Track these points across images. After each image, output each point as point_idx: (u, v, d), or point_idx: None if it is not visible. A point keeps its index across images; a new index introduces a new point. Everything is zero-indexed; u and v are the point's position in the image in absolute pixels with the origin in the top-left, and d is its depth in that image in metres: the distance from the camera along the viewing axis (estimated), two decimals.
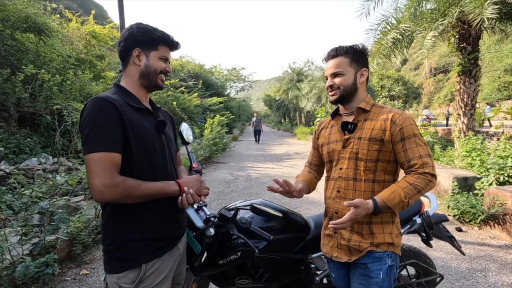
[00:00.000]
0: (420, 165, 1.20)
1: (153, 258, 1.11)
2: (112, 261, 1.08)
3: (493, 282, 2.58)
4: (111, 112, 1.01)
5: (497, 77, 28.61)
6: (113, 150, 1.00)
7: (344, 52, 1.31)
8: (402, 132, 1.23)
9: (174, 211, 1.22)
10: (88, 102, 1.05)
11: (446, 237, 1.89)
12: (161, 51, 1.18)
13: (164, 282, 1.16)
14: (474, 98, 6.86)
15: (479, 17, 5.36)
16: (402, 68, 48.01)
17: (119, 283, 1.07)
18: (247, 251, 1.51)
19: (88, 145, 0.99)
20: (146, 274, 1.09)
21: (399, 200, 1.17)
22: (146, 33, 1.15)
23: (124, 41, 1.16)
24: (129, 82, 1.18)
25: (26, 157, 6.00)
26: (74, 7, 38.11)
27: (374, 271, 1.26)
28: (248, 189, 6.17)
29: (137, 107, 1.14)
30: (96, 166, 0.97)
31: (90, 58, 10.68)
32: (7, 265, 2.49)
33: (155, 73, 1.18)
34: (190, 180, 1.24)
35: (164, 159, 1.21)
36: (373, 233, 1.28)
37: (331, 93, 1.35)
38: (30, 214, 2.91)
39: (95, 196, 0.99)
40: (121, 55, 1.19)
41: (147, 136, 1.13)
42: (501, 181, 4.14)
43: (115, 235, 1.09)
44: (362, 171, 1.28)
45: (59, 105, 6.87)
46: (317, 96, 19.88)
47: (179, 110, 12.60)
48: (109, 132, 1.00)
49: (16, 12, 7.87)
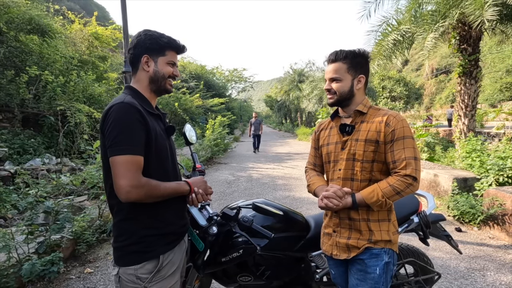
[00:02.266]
0: (403, 167, 1.23)
1: (168, 251, 1.20)
2: (128, 254, 1.15)
3: (491, 281, 2.61)
4: (136, 117, 1.08)
5: (499, 78, 28.56)
6: (138, 153, 1.07)
7: (343, 57, 1.34)
8: (393, 134, 1.27)
9: (184, 209, 1.33)
10: (113, 106, 1.10)
11: (443, 236, 1.93)
12: (168, 56, 1.24)
13: (176, 272, 1.25)
14: (475, 99, 6.89)
15: (479, 19, 5.40)
16: (404, 69, 47.95)
17: (136, 274, 1.13)
18: (249, 248, 1.55)
19: (115, 147, 1.05)
20: (163, 264, 1.17)
21: (377, 199, 1.23)
22: (154, 40, 1.20)
23: (133, 48, 1.22)
24: (139, 87, 1.24)
25: (30, 158, 6.07)
26: (77, 9, 38.29)
27: (371, 266, 1.31)
28: (250, 189, 6.22)
29: (152, 113, 1.21)
30: (123, 168, 1.04)
31: (92, 59, 10.77)
32: (13, 263, 2.54)
33: (163, 78, 1.24)
34: (197, 181, 1.34)
35: (173, 162, 1.30)
36: (371, 230, 1.32)
37: (328, 96, 1.41)
38: (35, 214, 2.97)
39: (121, 196, 1.06)
40: (131, 62, 1.24)
41: (161, 140, 1.20)
42: (500, 182, 4.16)
43: (131, 231, 1.15)
44: (359, 171, 1.32)
45: (63, 106, 6.95)
46: (318, 97, 19.93)
47: (180, 111, 12.68)
48: (135, 136, 1.07)
49: (20, 14, 7.95)
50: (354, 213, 1.33)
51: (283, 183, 6.76)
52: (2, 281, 2.37)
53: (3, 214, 3.32)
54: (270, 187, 6.35)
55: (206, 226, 1.50)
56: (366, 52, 1.38)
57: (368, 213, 1.31)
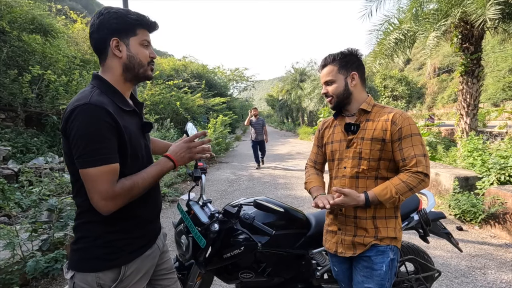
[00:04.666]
0: (414, 164, 1.25)
1: (134, 258, 1.09)
2: (90, 259, 1.02)
3: (492, 280, 2.62)
4: (106, 122, 0.93)
5: (501, 77, 28.40)
6: (112, 162, 0.95)
7: (331, 60, 1.39)
8: (400, 131, 1.29)
9: (158, 208, 1.23)
10: (77, 108, 0.92)
11: (443, 234, 1.94)
12: (140, 35, 1.06)
13: (143, 279, 1.15)
14: (477, 98, 6.86)
15: (481, 18, 5.38)
16: (406, 68, 47.78)
17: (98, 281, 1.02)
18: (250, 245, 1.57)
19: (86, 159, 0.92)
20: (126, 274, 1.06)
21: (390, 195, 1.24)
22: (120, 18, 1.01)
23: (96, 31, 1.02)
24: (111, 77, 1.05)
25: (33, 156, 6.12)
26: (79, 8, 38.40)
27: (378, 263, 1.32)
28: (251, 188, 6.24)
29: (125, 110, 1.05)
30: (95, 182, 0.93)
31: (94, 58, 10.80)
32: (18, 260, 2.58)
33: (141, 65, 1.07)
34: (177, 149, 1.14)
35: (149, 162, 1.16)
36: (377, 227, 1.33)
37: (327, 100, 1.44)
38: (39, 211, 3.00)
39: (100, 210, 0.95)
40: (96, 48, 1.05)
41: (136, 141, 1.07)
42: (502, 181, 4.16)
43: (97, 234, 1.03)
44: (365, 169, 1.33)
45: (65, 105, 6.99)
46: (319, 96, 19.87)
47: (182, 110, 12.71)
48: (106, 143, 0.94)
49: (22, 14, 8.01)
50: (361, 211, 1.34)
51: (284, 182, 6.78)
52: (7, 277, 2.40)
53: (8, 212, 3.35)
54: (272, 186, 6.37)
55: (208, 223, 1.52)
56: (354, 50, 1.40)
57: (375, 211, 1.32)
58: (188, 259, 1.58)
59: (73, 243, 1.07)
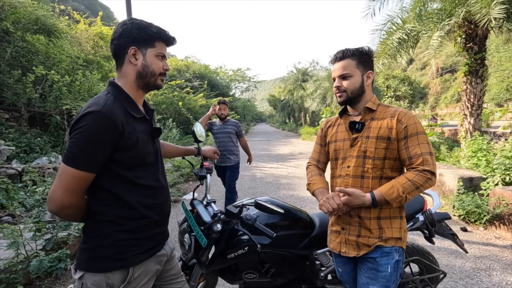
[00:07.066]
0: (420, 163, 1.24)
1: (142, 260, 1.11)
2: (99, 259, 1.05)
3: (497, 281, 2.59)
4: (108, 133, 0.99)
5: (505, 77, 28.20)
6: (91, 171, 0.99)
7: (351, 54, 1.35)
8: (406, 130, 1.27)
9: (167, 211, 1.24)
10: (90, 114, 0.98)
11: (448, 235, 1.92)
12: (158, 48, 1.12)
13: (150, 281, 1.16)
14: (481, 98, 6.81)
15: (486, 17, 5.34)
16: (408, 68, 47.58)
17: (107, 281, 1.04)
18: (254, 246, 1.56)
19: (71, 157, 0.97)
20: (134, 276, 1.08)
21: (397, 194, 1.22)
22: (142, 29, 1.08)
23: (118, 38, 1.09)
24: (125, 83, 1.12)
25: (37, 156, 6.14)
26: (82, 9, 38.61)
27: (383, 265, 1.30)
28: (253, 188, 6.23)
29: (136, 117, 1.10)
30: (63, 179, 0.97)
31: (97, 59, 10.86)
32: (22, 259, 2.59)
33: (153, 75, 1.12)
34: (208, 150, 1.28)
35: (161, 166, 1.22)
36: (381, 228, 1.31)
37: (338, 94, 1.39)
38: (43, 211, 3.01)
39: (50, 204, 0.99)
40: (115, 54, 1.12)
41: (143, 147, 1.10)
42: (507, 182, 4.12)
43: (106, 233, 1.06)
44: (370, 168, 1.32)
45: (68, 105, 7.01)
46: (322, 96, 19.84)
47: (184, 110, 12.72)
48: (97, 152, 0.98)
49: (26, 14, 8.05)
50: (365, 211, 1.32)
51: (286, 182, 6.77)
52: (11, 277, 2.41)
53: (12, 212, 3.36)
54: (274, 186, 6.36)
55: (210, 222, 1.51)
56: (371, 50, 1.39)
57: (380, 211, 1.31)
58: (190, 258, 1.58)
59: (82, 243, 1.09)
